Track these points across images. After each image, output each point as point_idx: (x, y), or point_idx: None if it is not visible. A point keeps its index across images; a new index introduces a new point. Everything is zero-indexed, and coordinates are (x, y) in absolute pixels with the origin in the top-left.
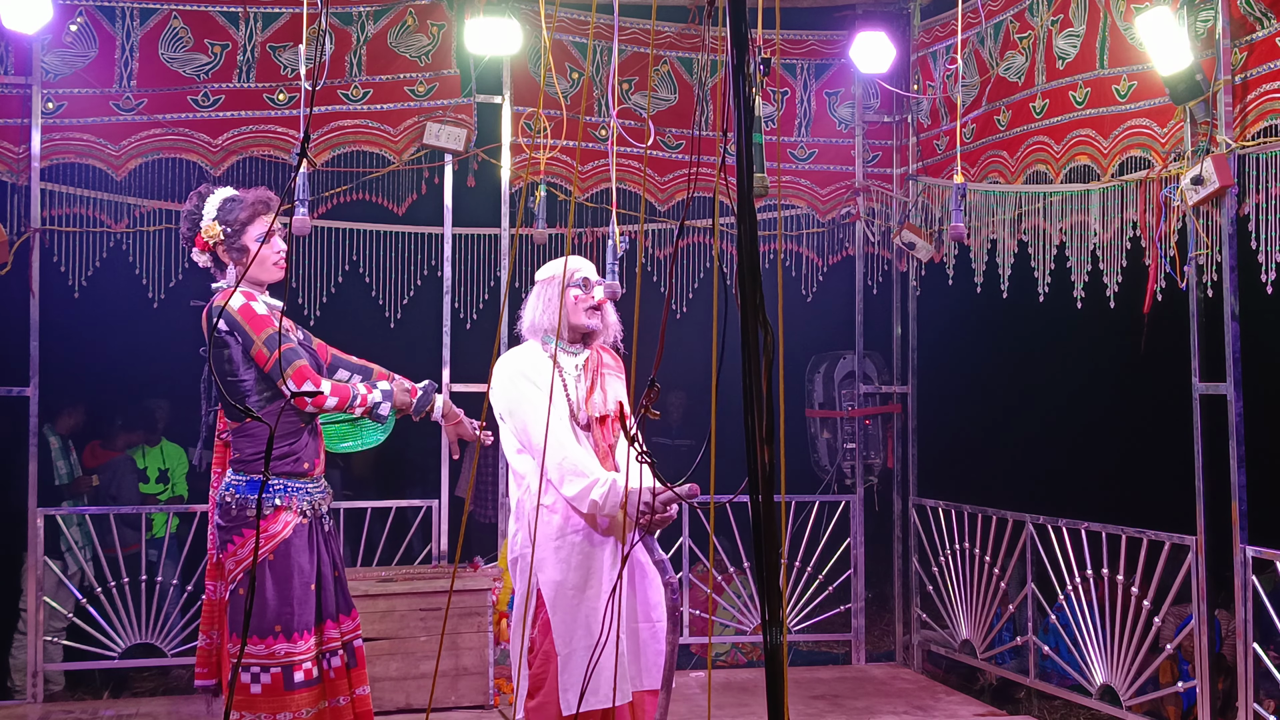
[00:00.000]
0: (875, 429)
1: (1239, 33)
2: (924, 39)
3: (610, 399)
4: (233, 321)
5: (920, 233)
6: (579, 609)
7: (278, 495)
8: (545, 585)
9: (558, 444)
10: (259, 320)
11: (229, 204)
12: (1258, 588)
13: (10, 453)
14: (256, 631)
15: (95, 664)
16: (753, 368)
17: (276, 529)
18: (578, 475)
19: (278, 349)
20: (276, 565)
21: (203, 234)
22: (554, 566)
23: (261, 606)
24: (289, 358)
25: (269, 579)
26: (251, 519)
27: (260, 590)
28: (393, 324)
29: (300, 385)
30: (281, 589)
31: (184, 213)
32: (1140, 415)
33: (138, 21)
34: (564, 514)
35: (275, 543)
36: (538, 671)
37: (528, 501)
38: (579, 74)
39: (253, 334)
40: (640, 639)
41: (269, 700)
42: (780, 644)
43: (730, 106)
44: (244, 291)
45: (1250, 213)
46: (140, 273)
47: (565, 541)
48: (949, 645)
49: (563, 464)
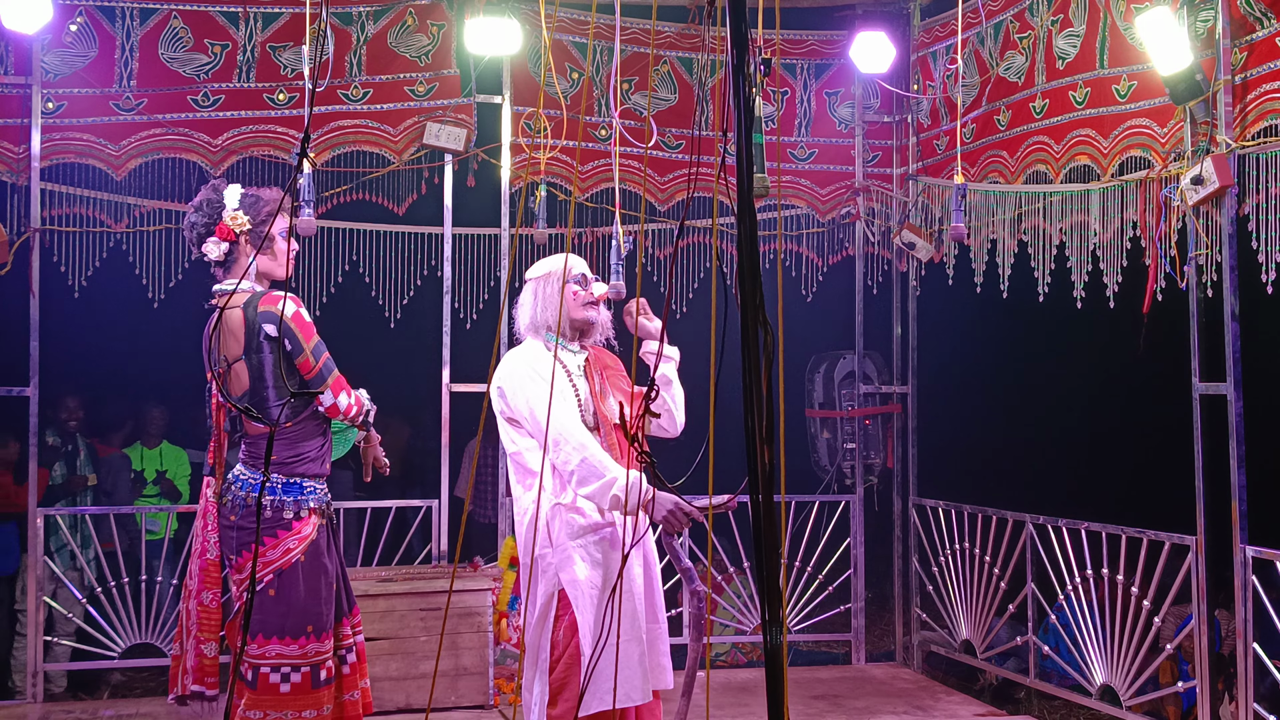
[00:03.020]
0: (875, 429)
1: (1239, 33)
2: (924, 39)
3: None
4: (285, 328)
5: (920, 233)
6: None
7: (311, 498)
8: (569, 585)
9: (579, 444)
10: (308, 328)
11: (249, 198)
12: (1258, 588)
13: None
14: (289, 632)
15: (95, 664)
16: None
17: (307, 531)
18: (599, 474)
19: (323, 357)
20: (308, 566)
21: (226, 222)
22: (579, 566)
23: (294, 607)
24: (330, 368)
25: (301, 580)
26: (286, 521)
27: (293, 591)
28: (393, 324)
29: (337, 395)
30: (312, 589)
31: (199, 203)
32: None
33: (138, 21)
34: (586, 514)
35: (306, 544)
36: (561, 675)
37: (545, 501)
38: (579, 74)
39: (304, 342)
40: (649, 639)
41: (297, 699)
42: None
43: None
44: (292, 297)
45: (1250, 213)
46: (140, 273)
47: (587, 541)
48: (949, 645)
49: (584, 464)
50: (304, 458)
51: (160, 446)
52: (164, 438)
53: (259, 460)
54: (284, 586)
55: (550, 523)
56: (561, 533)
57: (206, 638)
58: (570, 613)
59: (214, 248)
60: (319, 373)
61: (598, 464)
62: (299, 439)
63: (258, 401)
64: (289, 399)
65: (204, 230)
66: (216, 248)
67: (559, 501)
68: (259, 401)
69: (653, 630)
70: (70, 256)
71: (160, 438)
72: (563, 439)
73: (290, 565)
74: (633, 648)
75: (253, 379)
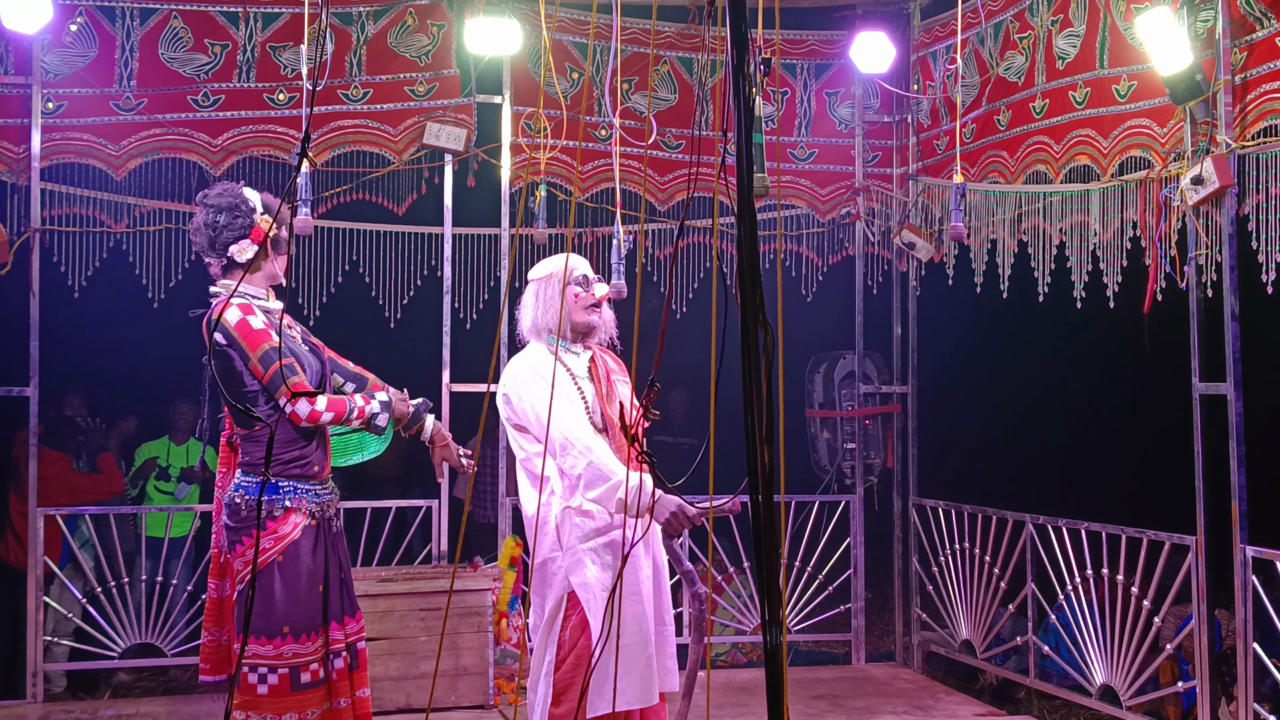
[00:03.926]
0: (875, 429)
1: (1239, 33)
2: (924, 39)
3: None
4: (229, 336)
5: (920, 233)
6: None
7: (288, 497)
8: (580, 588)
9: (585, 447)
10: (255, 335)
11: (265, 200)
12: (1258, 588)
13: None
14: (264, 632)
15: (96, 664)
16: (753, 368)
17: (286, 530)
18: (605, 477)
19: (276, 363)
20: (285, 566)
21: (260, 224)
22: (589, 569)
23: (269, 607)
24: (284, 375)
25: (278, 580)
26: (261, 520)
27: (269, 591)
28: (393, 324)
29: (296, 404)
30: (290, 590)
31: (227, 205)
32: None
33: (138, 21)
34: (596, 516)
35: (284, 544)
36: (566, 674)
37: (555, 505)
38: (579, 74)
39: (248, 350)
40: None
41: (275, 701)
42: (780, 644)
43: (730, 106)
44: (240, 304)
45: (1250, 213)
46: (140, 273)
47: (597, 544)
48: (949, 645)
49: (590, 468)
50: (276, 459)
51: (188, 444)
52: (190, 434)
53: (249, 462)
54: (260, 586)
55: (560, 526)
56: (571, 536)
57: (205, 626)
58: (578, 613)
59: (247, 250)
60: (270, 380)
61: (604, 467)
62: (279, 441)
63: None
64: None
65: (240, 233)
66: (249, 250)
67: (569, 505)
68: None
69: (660, 633)
70: (70, 256)
71: (188, 434)
72: (569, 443)
73: (265, 565)
74: (639, 650)
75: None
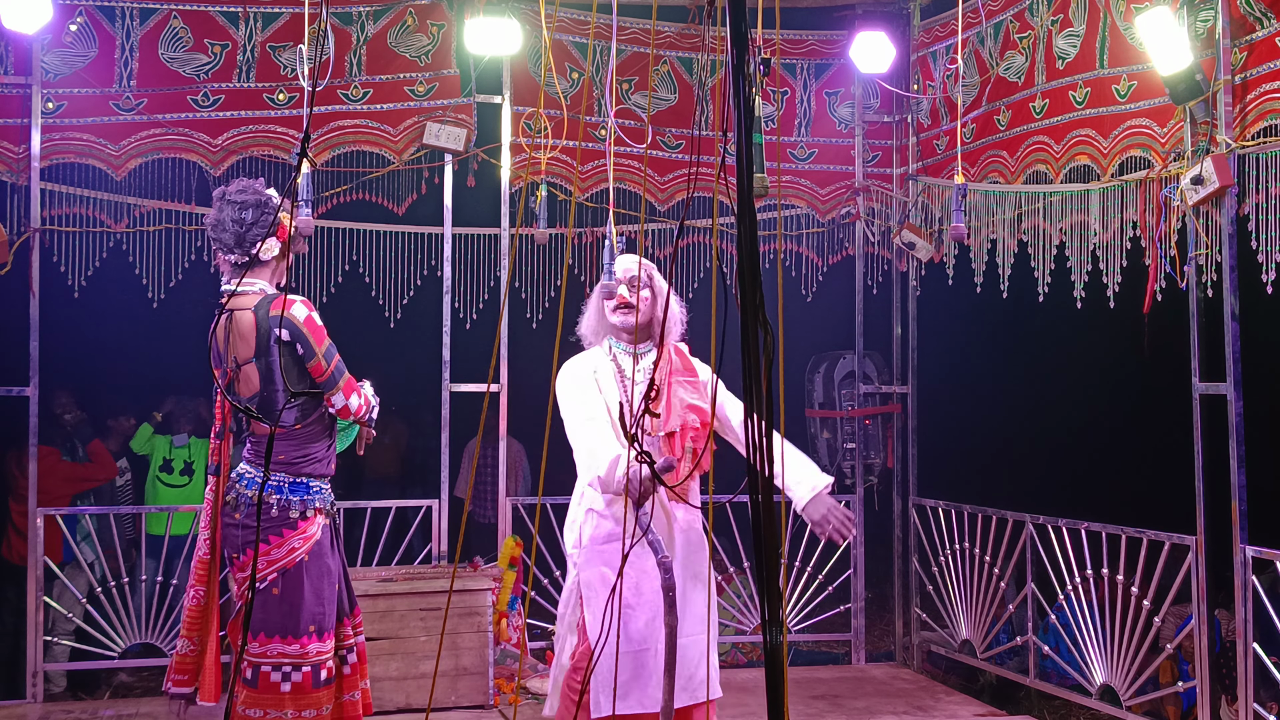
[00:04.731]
0: (875, 429)
1: (1239, 33)
2: (924, 39)
3: (676, 412)
4: (297, 332)
5: (920, 233)
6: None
7: (317, 497)
8: (585, 587)
9: (588, 449)
10: (320, 331)
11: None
12: (1258, 588)
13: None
14: (291, 631)
15: (96, 664)
16: (753, 368)
17: (313, 531)
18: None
19: (337, 356)
20: (312, 566)
21: (284, 224)
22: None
23: (298, 606)
24: (342, 370)
25: (306, 580)
26: (292, 520)
27: (297, 590)
28: (393, 324)
29: (349, 398)
30: (317, 589)
31: (255, 202)
32: (1140, 415)
33: (138, 21)
34: (612, 518)
35: (311, 544)
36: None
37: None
38: (579, 74)
39: (316, 346)
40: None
41: (297, 698)
42: (780, 644)
43: (730, 106)
44: (303, 300)
45: (1250, 213)
46: (140, 273)
47: (610, 548)
48: (949, 645)
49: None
50: (311, 458)
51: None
52: (191, 432)
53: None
54: (288, 586)
55: (583, 525)
56: (587, 535)
57: (184, 635)
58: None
59: (273, 247)
60: (330, 376)
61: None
62: (307, 440)
63: (267, 402)
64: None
65: (264, 229)
66: (275, 247)
67: (593, 508)
68: (267, 403)
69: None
70: (70, 256)
71: (189, 432)
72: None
73: (295, 565)
74: (641, 655)
75: (263, 381)
